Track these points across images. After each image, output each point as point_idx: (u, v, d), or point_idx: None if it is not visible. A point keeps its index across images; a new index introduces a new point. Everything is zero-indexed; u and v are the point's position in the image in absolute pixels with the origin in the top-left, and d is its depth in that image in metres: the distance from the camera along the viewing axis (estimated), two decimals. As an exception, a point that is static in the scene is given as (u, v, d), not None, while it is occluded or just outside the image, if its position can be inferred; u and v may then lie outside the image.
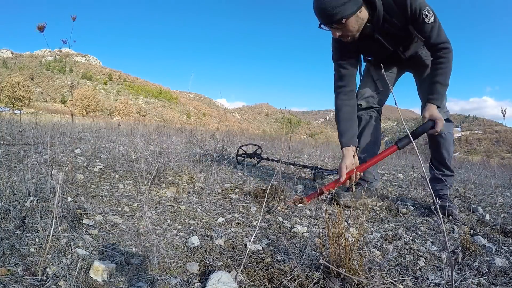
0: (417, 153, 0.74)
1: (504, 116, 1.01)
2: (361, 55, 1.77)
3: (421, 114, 1.53)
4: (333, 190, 1.61)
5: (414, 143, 0.77)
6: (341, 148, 1.62)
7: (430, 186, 0.69)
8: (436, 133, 1.48)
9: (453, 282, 0.75)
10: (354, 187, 1.34)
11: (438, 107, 1.49)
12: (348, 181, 1.56)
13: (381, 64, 1.13)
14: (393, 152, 1.58)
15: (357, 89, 1.77)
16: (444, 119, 1.58)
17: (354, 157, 1.59)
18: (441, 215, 0.62)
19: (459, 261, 0.66)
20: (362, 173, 1.57)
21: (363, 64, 1.83)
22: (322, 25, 1.46)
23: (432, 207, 1.53)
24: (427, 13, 1.44)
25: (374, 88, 1.77)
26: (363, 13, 1.46)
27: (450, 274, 0.80)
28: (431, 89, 1.51)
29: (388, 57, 1.71)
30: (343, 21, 1.39)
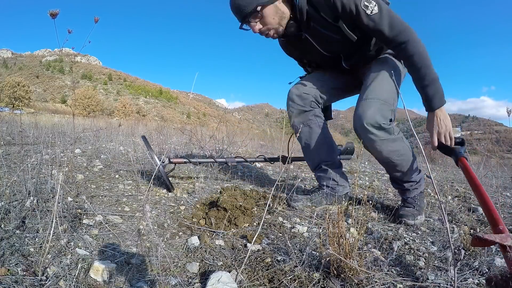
0: (422, 150, 0.74)
1: (509, 116, 0.99)
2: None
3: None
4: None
5: (419, 141, 0.77)
6: None
7: (435, 187, 0.69)
8: (434, 148, 1.32)
9: (455, 280, 0.75)
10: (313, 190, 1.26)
11: (438, 107, 1.25)
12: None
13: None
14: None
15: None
16: (393, 137, 1.32)
17: None
18: (445, 216, 0.62)
19: (462, 258, 0.66)
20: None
21: None
22: (241, 24, 1.33)
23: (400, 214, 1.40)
24: (366, 3, 1.21)
25: (316, 84, 1.55)
26: (283, 7, 1.32)
27: (451, 272, 0.80)
28: (425, 96, 1.26)
29: (331, 65, 1.55)
30: (259, 9, 1.25)
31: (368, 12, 1.21)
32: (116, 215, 1.24)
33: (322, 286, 0.81)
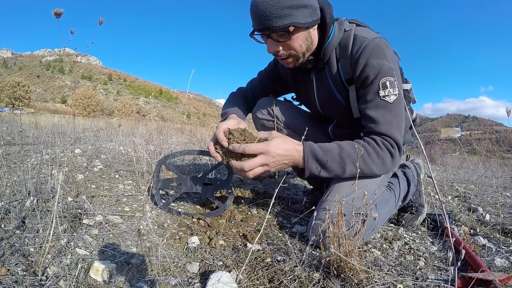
0: (423, 149, 0.74)
1: (508, 115, 0.98)
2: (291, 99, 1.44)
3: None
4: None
5: (420, 141, 0.77)
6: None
7: (437, 189, 0.69)
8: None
9: (456, 280, 0.75)
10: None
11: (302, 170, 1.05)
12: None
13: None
14: None
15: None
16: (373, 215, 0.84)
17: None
18: (446, 216, 0.62)
19: (462, 258, 0.66)
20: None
21: None
22: (256, 32, 1.05)
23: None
24: (387, 83, 1.01)
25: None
26: (314, 36, 1.08)
27: (451, 273, 0.80)
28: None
29: (317, 121, 1.39)
30: (291, 29, 0.98)
31: (381, 93, 1.02)
32: (116, 215, 1.24)
33: (322, 286, 0.81)
